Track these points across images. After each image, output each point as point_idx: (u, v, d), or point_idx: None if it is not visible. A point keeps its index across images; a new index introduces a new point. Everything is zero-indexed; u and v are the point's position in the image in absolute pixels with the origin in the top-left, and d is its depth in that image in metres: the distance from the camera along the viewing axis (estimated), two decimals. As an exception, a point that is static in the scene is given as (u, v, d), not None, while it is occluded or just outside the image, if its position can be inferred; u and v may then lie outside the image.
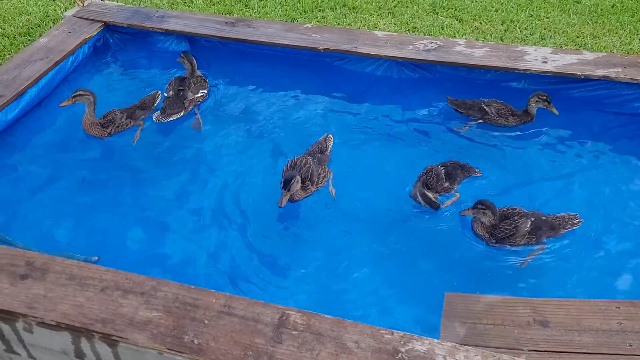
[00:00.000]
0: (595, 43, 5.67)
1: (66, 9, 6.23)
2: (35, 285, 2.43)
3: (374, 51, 4.07)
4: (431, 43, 4.12)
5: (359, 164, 3.74)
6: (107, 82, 4.46)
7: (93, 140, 3.90)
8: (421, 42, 4.15)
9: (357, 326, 2.25)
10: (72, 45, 4.21)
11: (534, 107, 3.81)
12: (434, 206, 3.29)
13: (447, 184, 3.41)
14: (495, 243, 3.16)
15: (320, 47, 4.15)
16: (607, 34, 5.84)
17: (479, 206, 3.14)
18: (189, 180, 3.63)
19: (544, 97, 3.74)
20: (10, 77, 3.85)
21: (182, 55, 4.22)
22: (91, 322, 2.29)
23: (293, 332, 2.23)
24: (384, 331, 2.23)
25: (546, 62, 3.89)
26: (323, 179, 3.50)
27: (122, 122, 3.86)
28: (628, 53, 5.36)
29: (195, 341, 2.21)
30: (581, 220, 3.17)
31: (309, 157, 3.50)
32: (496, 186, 3.54)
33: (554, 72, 3.81)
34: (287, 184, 3.22)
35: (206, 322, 2.28)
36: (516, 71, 3.86)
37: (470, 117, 3.94)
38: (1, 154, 3.69)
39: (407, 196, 3.44)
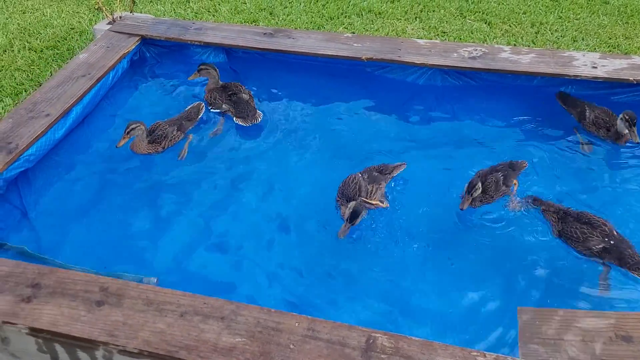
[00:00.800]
0: (629, 44, 5.63)
1: (90, 21, 6.21)
2: (113, 312, 2.39)
3: (419, 60, 4.03)
4: (476, 50, 4.08)
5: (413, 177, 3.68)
6: (146, 97, 4.42)
7: (137, 157, 3.86)
8: (465, 49, 4.11)
9: (447, 348, 2.21)
10: (113, 61, 4.17)
11: (622, 126, 3.61)
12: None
13: (504, 188, 3.37)
14: (559, 236, 3.09)
15: (364, 57, 4.11)
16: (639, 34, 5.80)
17: (531, 202, 3.26)
18: (240, 196, 3.59)
19: (628, 117, 3.54)
20: (54, 95, 3.81)
21: (203, 66, 4.18)
22: (175, 349, 2.25)
23: (382, 356, 2.19)
24: (475, 353, 2.19)
25: (596, 67, 3.85)
26: (373, 195, 3.36)
27: (174, 135, 3.83)
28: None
29: (284, 367, 2.17)
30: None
31: (359, 174, 3.43)
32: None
33: (605, 78, 3.77)
34: (353, 217, 3.10)
35: (292, 346, 2.24)
36: (566, 77, 3.81)
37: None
38: (50, 173, 3.65)
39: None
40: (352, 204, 3.19)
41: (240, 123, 4.02)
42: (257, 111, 4.10)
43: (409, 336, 2.25)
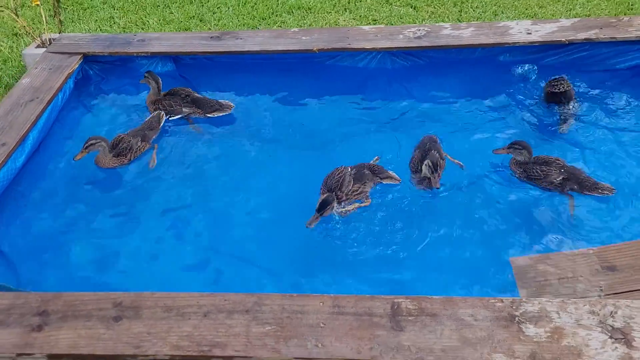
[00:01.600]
0: (544, 12, 6.06)
1: (11, 48, 5.92)
2: (133, 324, 2.35)
3: (368, 45, 4.18)
4: (419, 30, 4.28)
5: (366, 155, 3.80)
6: (98, 115, 4.30)
7: (103, 173, 3.76)
8: (409, 30, 4.30)
9: (466, 300, 2.35)
10: (59, 82, 4.03)
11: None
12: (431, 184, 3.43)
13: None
14: (526, 179, 3.45)
15: (315, 48, 4.21)
16: (551, 2, 6.25)
17: (516, 146, 3.47)
18: (215, 198, 3.59)
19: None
20: (5, 123, 3.64)
21: (146, 75, 4.15)
22: (207, 348, 2.25)
23: (409, 318, 2.30)
24: (493, 300, 2.34)
25: (530, 33, 4.15)
26: (354, 195, 3.37)
27: (139, 146, 3.77)
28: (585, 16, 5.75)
29: (320, 344, 2.23)
30: (611, 193, 3.32)
31: (348, 168, 3.45)
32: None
33: (541, 42, 4.07)
34: (322, 207, 3.13)
35: (322, 325, 2.30)
36: (507, 45, 4.09)
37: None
38: (16, 205, 3.48)
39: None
40: (324, 196, 3.24)
41: (217, 114, 4.08)
42: (221, 101, 4.17)
43: (430, 296, 2.37)
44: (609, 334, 2.18)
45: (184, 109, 4.09)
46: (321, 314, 2.34)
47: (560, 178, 3.37)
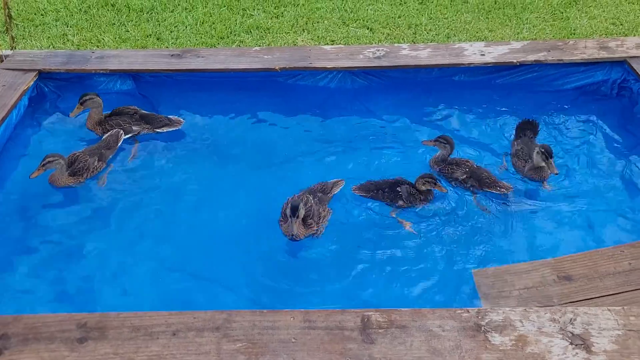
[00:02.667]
0: (494, 36, 6.33)
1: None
2: (99, 345, 2.29)
3: (329, 64, 4.26)
4: (379, 50, 4.40)
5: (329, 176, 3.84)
6: (53, 133, 4.20)
7: (58, 192, 3.68)
8: (369, 50, 4.41)
9: (434, 312, 2.40)
10: (13, 99, 3.92)
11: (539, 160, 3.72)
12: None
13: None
14: (439, 172, 3.79)
15: (277, 67, 4.25)
16: (500, 26, 6.54)
17: (441, 139, 3.78)
18: (173, 215, 3.57)
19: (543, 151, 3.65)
20: (-43, 141, 3.51)
21: (87, 96, 4.03)
22: (178, 367, 2.21)
23: (380, 331, 2.34)
24: (460, 311, 2.41)
25: (484, 54, 4.33)
26: (324, 218, 3.44)
27: (96, 165, 3.71)
28: (530, 39, 6.03)
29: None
30: (507, 191, 3.60)
31: (310, 196, 3.47)
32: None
33: (494, 63, 4.26)
34: (294, 211, 3.18)
35: (294, 340, 2.31)
36: (462, 66, 4.25)
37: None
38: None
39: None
40: (294, 201, 3.28)
41: (168, 129, 4.06)
42: (171, 116, 4.16)
43: (399, 308, 2.42)
44: (570, 340, 2.27)
45: (134, 127, 4.05)
46: (292, 329, 2.35)
47: (464, 176, 3.71)
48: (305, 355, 2.25)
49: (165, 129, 4.08)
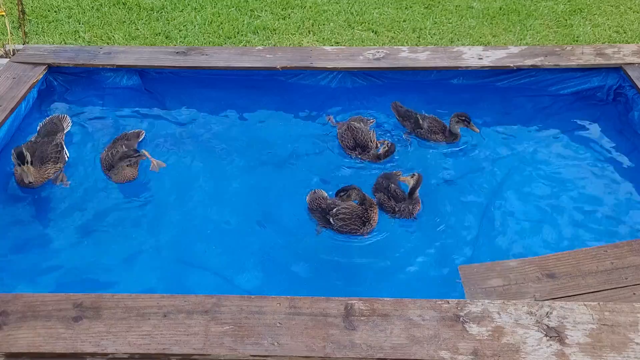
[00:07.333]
0: (497, 41, 6.41)
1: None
2: (93, 324, 2.40)
3: (330, 65, 4.36)
4: (378, 52, 4.50)
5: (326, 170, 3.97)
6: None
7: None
8: (369, 52, 4.51)
9: (415, 302, 2.49)
10: (23, 91, 4.06)
11: (455, 127, 4.03)
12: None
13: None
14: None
15: (279, 66, 4.36)
16: (504, 32, 6.62)
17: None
18: (179, 212, 3.67)
19: (463, 118, 3.95)
20: (-33, 130, 3.65)
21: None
22: (166, 346, 2.32)
23: (362, 318, 2.43)
24: (440, 302, 2.49)
25: (481, 58, 4.41)
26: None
27: (138, 154, 3.78)
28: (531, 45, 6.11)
29: (276, 343, 2.33)
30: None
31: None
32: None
33: (491, 66, 4.34)
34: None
35: (279, 324, 2.40)
36: (460, 69, 4.33)
37: (405, 130, 4.23)
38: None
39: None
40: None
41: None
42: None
43: (382, 298, 2.51)
44: (545, 333, 2.35)
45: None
46: (278, 314, 2.45)
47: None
48: (289, 339, 2.34)
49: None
